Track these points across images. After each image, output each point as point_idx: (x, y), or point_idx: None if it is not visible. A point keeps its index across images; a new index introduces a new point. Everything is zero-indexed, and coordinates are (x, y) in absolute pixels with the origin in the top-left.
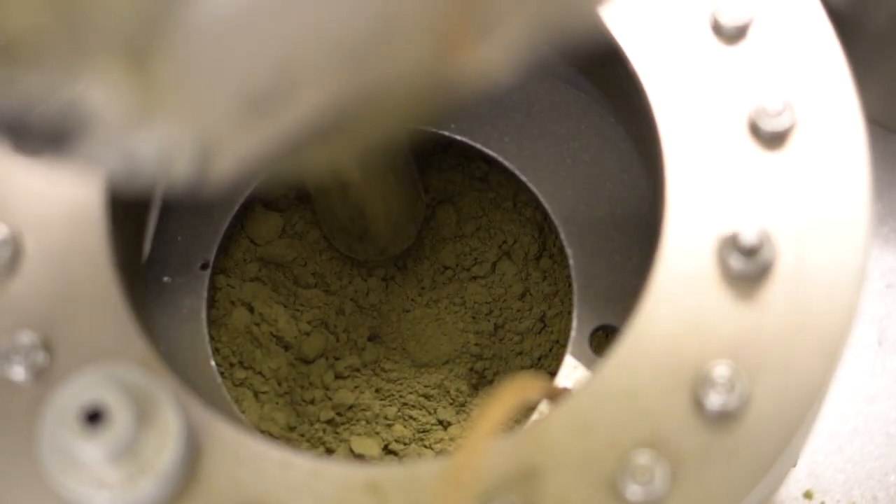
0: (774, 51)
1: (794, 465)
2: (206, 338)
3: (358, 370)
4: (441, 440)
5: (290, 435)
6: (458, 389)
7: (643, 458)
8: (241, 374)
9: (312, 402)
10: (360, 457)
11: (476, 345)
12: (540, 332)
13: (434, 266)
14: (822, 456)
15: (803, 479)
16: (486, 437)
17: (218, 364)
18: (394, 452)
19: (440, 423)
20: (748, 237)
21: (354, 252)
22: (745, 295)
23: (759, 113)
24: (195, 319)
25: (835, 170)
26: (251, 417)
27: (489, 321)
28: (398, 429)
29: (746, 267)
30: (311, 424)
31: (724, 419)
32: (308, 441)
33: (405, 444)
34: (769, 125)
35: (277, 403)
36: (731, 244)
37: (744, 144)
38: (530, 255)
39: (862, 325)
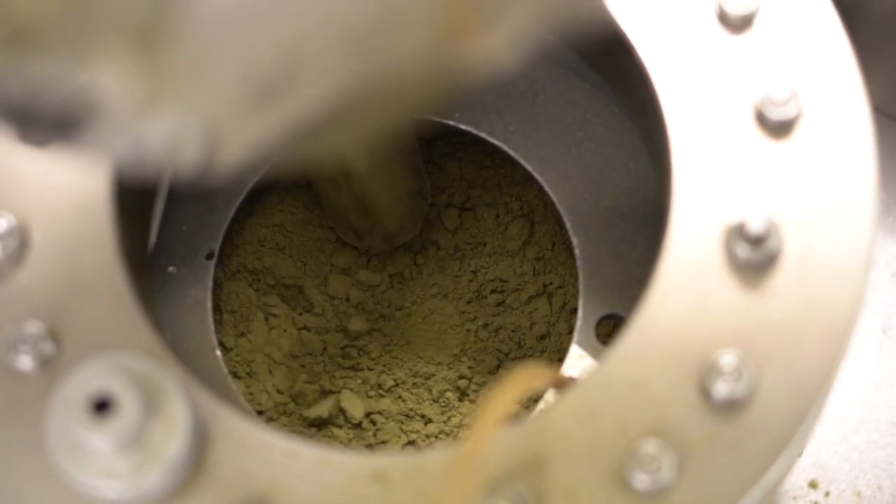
0: (780, 40)
1: (800, 455)
2: (212, 328)
3: (371, 291)
4: (417, 432)
5: (291, 363)
6: (448, 391)
7: (650, 447)
8: (264, 284)
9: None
10: (342, 411)
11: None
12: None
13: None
14: (826, 445)
15: (808, 468)
16: (493, 426)
17: (221, 346)
18: (373, 422)
19: (422, 417)
20: (755, 226)
21: (359, 241)
22: (751, 284)
23: (766, 102)
24: (200, 309)
25: (841, 159)
26: (255, 339)
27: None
28: (386, 402)
29: (753, 256)
30: (314, 357)
31: (732, 408)
32: (307, 373)
33: (386, 418)
34: (775, 114)
35: (286, 330)
36: (738, 233)
37: (750, 133)
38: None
39: (867, 313)
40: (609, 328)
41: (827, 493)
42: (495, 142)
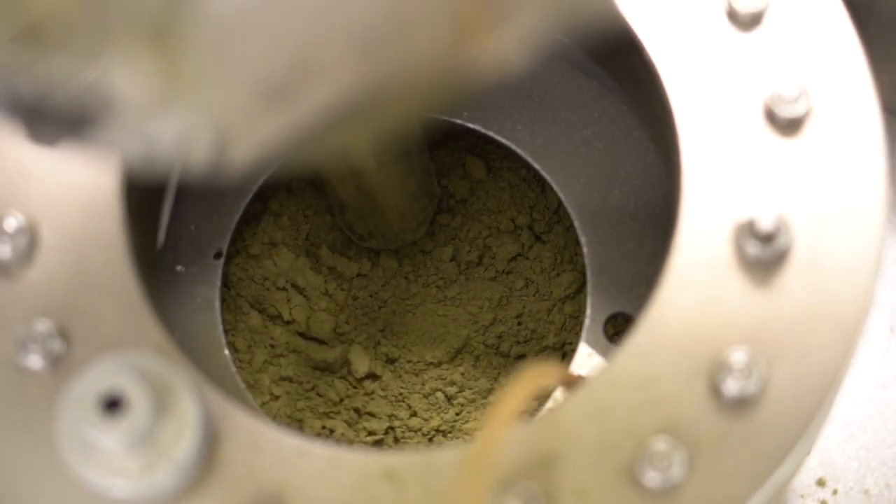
0: (790, 37)
1: (808, 453)
2: (220, 327)
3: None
4: (401, 419)
5: (311, 294)
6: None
7: (661, 444)
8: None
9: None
10: (346, 363)
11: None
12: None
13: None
14: (834, 444)
15: (815, 466)
16: (505, 425)
17: (232, 352)
18: (371, 391)
19: (409, 407)
20: (765, 223)
21: (367, 239)
22: (761, 281)
23: (775, 99)
24: (209, 308)
25: (851, 156)
26: (281, 265)
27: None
28: (388, 374)
29: (763, 253)
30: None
31: (742, 405)
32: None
33: (383, 390)
34: (785, 111)
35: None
36: (748, 230)
37: (760, 131)
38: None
39: (874, 312)
40: (617, 327)
41: (835, 491)
42: (503, 140)
